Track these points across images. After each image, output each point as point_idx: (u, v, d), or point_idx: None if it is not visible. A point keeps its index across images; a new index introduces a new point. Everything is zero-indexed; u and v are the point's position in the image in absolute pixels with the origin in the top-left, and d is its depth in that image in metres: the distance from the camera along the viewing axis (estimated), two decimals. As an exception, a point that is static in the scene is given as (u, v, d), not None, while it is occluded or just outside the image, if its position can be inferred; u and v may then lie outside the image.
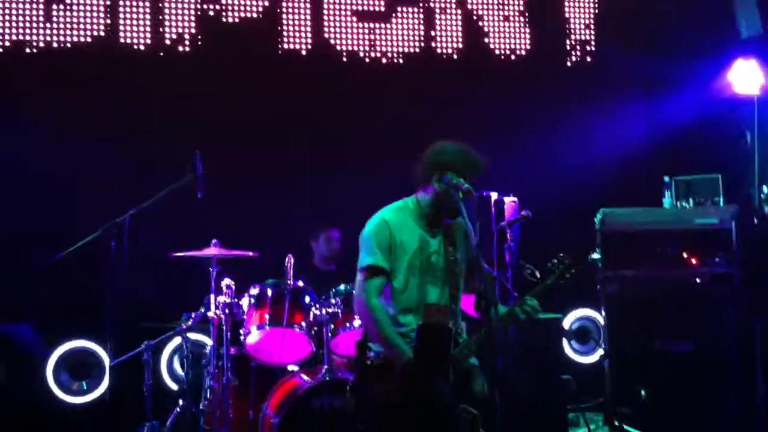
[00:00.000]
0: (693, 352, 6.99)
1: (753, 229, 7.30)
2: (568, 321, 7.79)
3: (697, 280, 7.17)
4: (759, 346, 6.85)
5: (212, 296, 6.06)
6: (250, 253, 6.20)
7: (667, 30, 8.67)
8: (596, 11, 8.71)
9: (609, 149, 8.38)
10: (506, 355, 4.59)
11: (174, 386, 7.05)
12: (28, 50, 7.48)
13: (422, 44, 8.31)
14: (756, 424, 6.79)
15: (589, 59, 8.66)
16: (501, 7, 8.50)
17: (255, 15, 7.95)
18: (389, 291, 4.69)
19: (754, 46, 8.49)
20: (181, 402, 6.19)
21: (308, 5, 8.07)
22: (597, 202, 7.48)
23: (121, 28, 7.67)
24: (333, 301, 6.13)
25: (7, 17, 7.43)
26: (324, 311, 6.09)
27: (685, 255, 7.24)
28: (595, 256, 7.17)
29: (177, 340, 6.62)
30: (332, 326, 6.07)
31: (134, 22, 7.69)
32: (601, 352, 7.33)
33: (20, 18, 7.46)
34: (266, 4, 7.96)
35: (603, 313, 7.22)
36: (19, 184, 7.25)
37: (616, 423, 6.87)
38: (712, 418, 6.86)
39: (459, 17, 8.40)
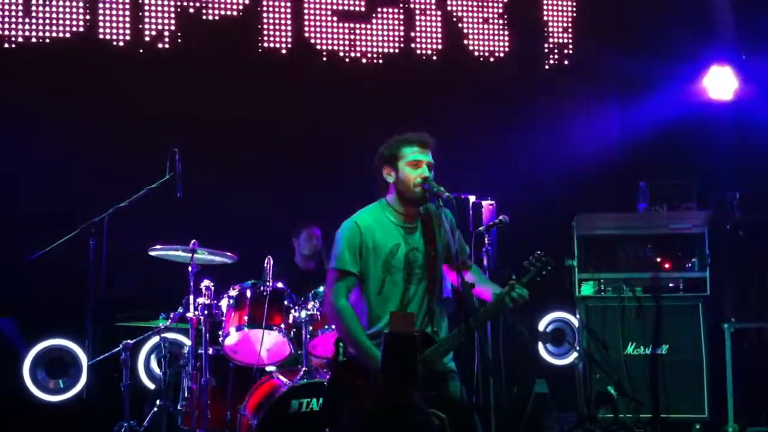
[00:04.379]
0: (665, 355, 7.10)
1: (725, 234, 7.39)
2: (543, 323, 7.86)
3: (670, 285, 7.30)
4: (730, 349, 6.98)
5: (191, 296, 6.07)
6: (229, 261, 6.24)
7: (644, 33, 8.73)
8: (574, 14, 8.76)
9: (585, 153, 8.45)
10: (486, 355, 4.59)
11: (151, 386, 7.01)
12: (6, 45, 7.45)
13: (402, 45, 8.33)
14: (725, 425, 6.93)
15: (566, 62, 8.72)
16: (480, 9, 8.51)
17: (235, 13, 7.93)
18: (363, 292, 4.73)
19: (728, 52, 8.62)
20: (158, 402, 6.20)
21: (289, 4, 8.05)
22: (573, 205, 7.57)
23: (101, 23, 7.64)
24: (312, 303, 6.15)
25: (-14, 12, 7.38)
26: (303, 313, 6.12)
27: (658, 259, 7.36)
28: (571, 262, 7.27)
29: (155, 340, 6.63)
30: (311, 328, 6.09)
31: (114, 18, 7.66)
32: (575, 354, 7.40)
33: (-1, 12, 7.42)
34: (247, 2, 7.94)
35: (578, 316, 7.30)
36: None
37: (589, 426, 6.96)
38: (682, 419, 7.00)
39: (439, 19, 8.41)
